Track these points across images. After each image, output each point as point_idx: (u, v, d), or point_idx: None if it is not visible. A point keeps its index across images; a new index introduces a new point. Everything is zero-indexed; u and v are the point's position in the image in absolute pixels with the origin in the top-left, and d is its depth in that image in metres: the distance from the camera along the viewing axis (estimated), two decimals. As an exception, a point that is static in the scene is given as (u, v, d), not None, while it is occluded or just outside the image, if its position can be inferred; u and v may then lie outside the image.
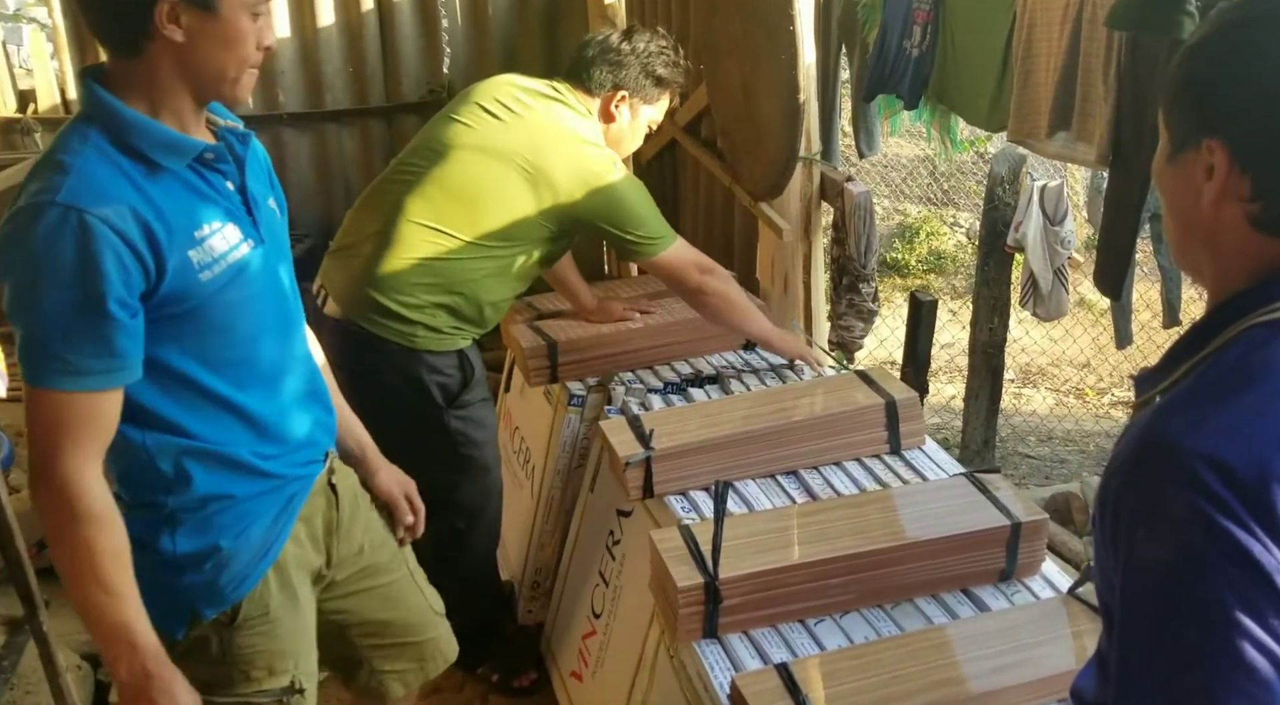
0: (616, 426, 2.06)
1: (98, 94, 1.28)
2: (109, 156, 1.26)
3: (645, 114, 2.35)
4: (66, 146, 1.26)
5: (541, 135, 2.19)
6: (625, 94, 2.29)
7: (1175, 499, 0.75)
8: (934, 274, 6.84)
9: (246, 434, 1.43)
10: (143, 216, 1.25)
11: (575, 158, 2.18)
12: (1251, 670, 0.73)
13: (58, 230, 1.20)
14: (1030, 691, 1.45)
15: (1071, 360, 5.65)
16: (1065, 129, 2.28)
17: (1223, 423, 0.77)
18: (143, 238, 1.24)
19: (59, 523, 1.27)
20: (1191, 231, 0.88)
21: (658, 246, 2.22)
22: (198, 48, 1.27)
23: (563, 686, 2.43)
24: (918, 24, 2.75)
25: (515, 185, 2.16)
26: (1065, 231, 4.16)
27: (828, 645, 1.59)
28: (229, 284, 1.35)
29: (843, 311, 2.60)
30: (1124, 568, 0.80)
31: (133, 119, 1.28)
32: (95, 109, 1.28)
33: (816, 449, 2.01)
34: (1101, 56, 2.13)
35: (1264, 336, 0.81)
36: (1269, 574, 0.73)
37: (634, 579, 2.08)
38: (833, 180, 2.56)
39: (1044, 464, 4.69)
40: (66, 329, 1.22)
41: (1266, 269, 0.83)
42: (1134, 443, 0.81)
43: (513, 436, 2.88)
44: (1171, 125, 0.88)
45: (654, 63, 2.29)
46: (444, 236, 2.17)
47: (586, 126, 2.25)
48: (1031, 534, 1.70)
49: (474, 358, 2.31)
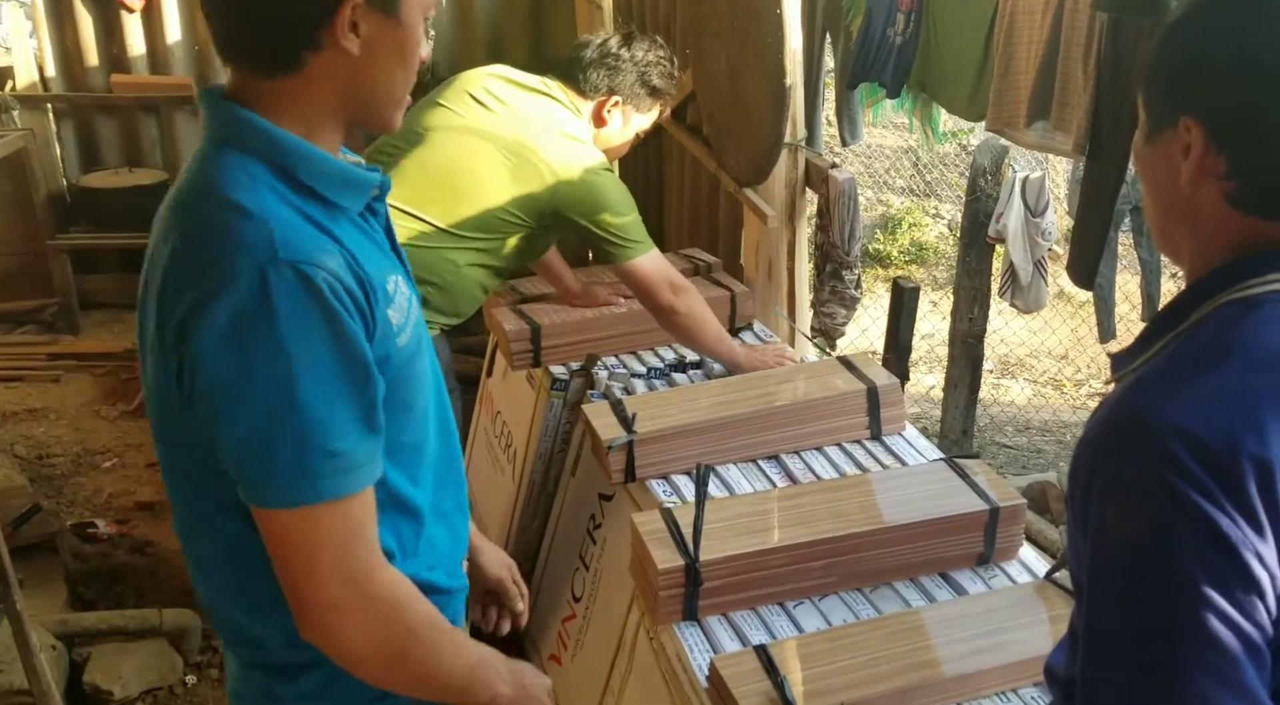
0: (599, 410, 2.06)
1: (253, 121, 1.03)
2: (284, 197, 1.02)
3: (636, 122, 2.35)
4: (234, 183, 1.01)
5: (529, 125, 2.19)
6: (619, 100, 2.29)
7: (1146, 473, 0.76)
8: (915, 265, 6.87)
9: (423, 537, 1.19)
10: (353, 267, 1.02)
11: (560, 148, 2.17)
12: (1216, 643, 0.73)
13: (298, 296, 0.96)
14: (1006, 674, 1.47)
15: (1050, 351, 5.69)
16: (1044, 118, 2.30)
17: (1195, 398, 0.78)
18: (361, 293, 1.02)
19: (396, 645, 1.06)
20: (1171, 212, 0.89)
21: (634, 251, 2.19)
22: (375, 61, 1.05)
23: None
24: (901, 11, 2.76)
25: (496, 170, 2.15)
26: (1046, 223, 4.18)
27: (806, 627, 1.60)
28: (417, 351, 1.13)
29: (826, 298, 2.61)
30: (1093, 540, 0.80)
31: (307, 152, 1.04)
32: (252, 138, 1.03)
33: (798, 433, 2.01)
34: (1082, 45, 2.14)
35: (1237, 313, 0.82)
36: (1236, 548, 0.74)
37: (614, 563, 2.08)
38: (818, 167, 2.56)
39: (1021, 454, 4.72)
40: (335, 417, 0.98)
41: (1242, 247, 0.84)
42: (1106, 417, 0.82)
43: (494, 420, 2.88)
44: (1149, 106, 0.89)
45: (651, 72, 2.28)
46: (418, 222, 2.16)
47: (576, 125, 2.25)
48: (1009, 519, 1.71)
49: (441, 346, 2.29)
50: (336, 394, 0.99)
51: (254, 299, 0.95)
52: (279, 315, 0.95)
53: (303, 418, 0.97)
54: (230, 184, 1.01)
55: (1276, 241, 0.83)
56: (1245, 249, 0.84)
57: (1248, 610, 0.74)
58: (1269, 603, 0.75)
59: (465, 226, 2.17)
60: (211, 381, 0.98)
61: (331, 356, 0.98)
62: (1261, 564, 0.74)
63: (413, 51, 1.08)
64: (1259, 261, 0.83)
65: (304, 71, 1.03)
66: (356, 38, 1.02)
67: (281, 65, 1.03)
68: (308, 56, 1.02)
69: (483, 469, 2.88)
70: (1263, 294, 0.81)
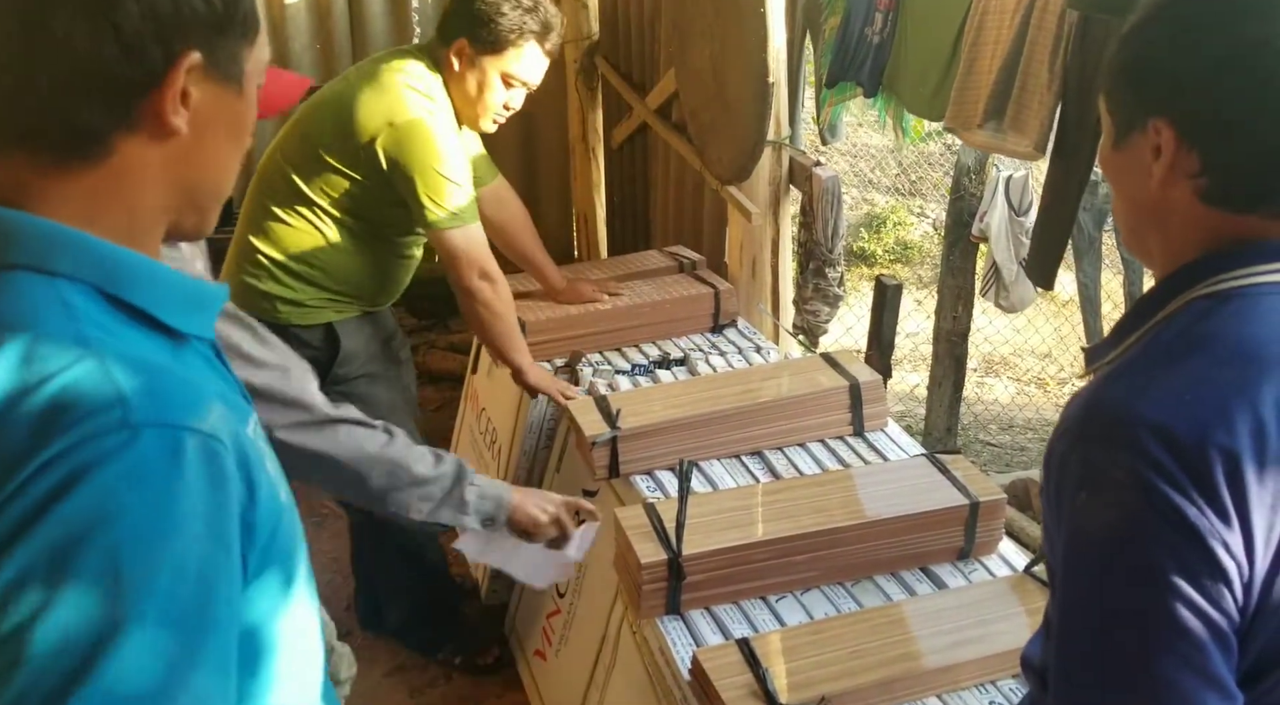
0: (584, 406, 2.06)
1: (58, 231, 0.72)
2: (118, 332, 0.72)
3: (491, 67, 2.12)
4: (45, 323, 0.69)
5: (364, 79, 2.11)
6: (464, 42, 2.10)
7: (1117, 463, 0.77)
8: (900, 263, 6.90)
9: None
10: (228, 419, 0.74)
11: (389, 93, 2.07)
12: (1185, 631, 0.75)
13: (167, 478, 0.66)
14: (986, 666, 1.48)
15: (1033, 350, 5.72)
16: (999, 118, 2.30)
17: (1166, 390, 0.79)
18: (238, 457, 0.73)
19: None
20: (1142, 214, 0.90)
21: (447, 222, 2.06)
22: (205, 145, 0.78)
23: (526, 665, 2.44)
24: (880, 10, 2.77)
25: (328, 129, 2.11)
26: (1030, 222, 4.21)
27: (789, 621, 1.61)
28: (290, 508, 0.84)
29: (809, 296, 2.62)
30: (1066, 529, 0.82)
31: (141, 266, 0.76)
32: (61, 255, 0.72)
33: (781, 430, 2.02)
34: (1049, 46, 2.15)
35: (1206, 307, 0.83)
36: (1204, 538, 0.75)
37: (598, 558, 2.08)
38: (801, 165, 2.57)
39: (1004, 451, 4.75)
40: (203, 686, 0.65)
41: (1211, 241, 0.85)
42: (1080, 408, 0.83)
43: (479, 417, 2.88)
44: (1114, 110, 0.90)
45: (495, 4, 2.07)
46: (274, 201, 2.16)
47: (424, 77, 2.11)
48: (989, 513, 1.73)
49: (353, 330, 2.25)
50: (182, 647, 0.64)
51: (91, 487, 0.63)
52: (128, 507, 0.63)
53: (118, 677, 0.61)
54: (37, 324, 0.69)
55: (1244, 235, 0.84)
56: (1214, 243, 0.85)
57: (1215, 598, 0.75)
58: (1236, 591, 0.76)
59: (311, 192, 2.13)
60: (3, 595, 0.61)
61: (194, 577, 0.65)
62: (1229, 553, 0.75)
63: (249, 130, 0.82)
64: (1227, 256, 0.84)
65: (110, 160, 0.73)
66: (186, 111, 0.75)
67: (79, 151, 0.73)
68: (118, 139, 0.73)
69: (467, 466, 2.89)
70: (1231, 289, 0.83)
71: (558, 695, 2.20)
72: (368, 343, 2.29)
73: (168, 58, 0.72)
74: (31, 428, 0.65)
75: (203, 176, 0.79)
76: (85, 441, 0.64)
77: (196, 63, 0.74)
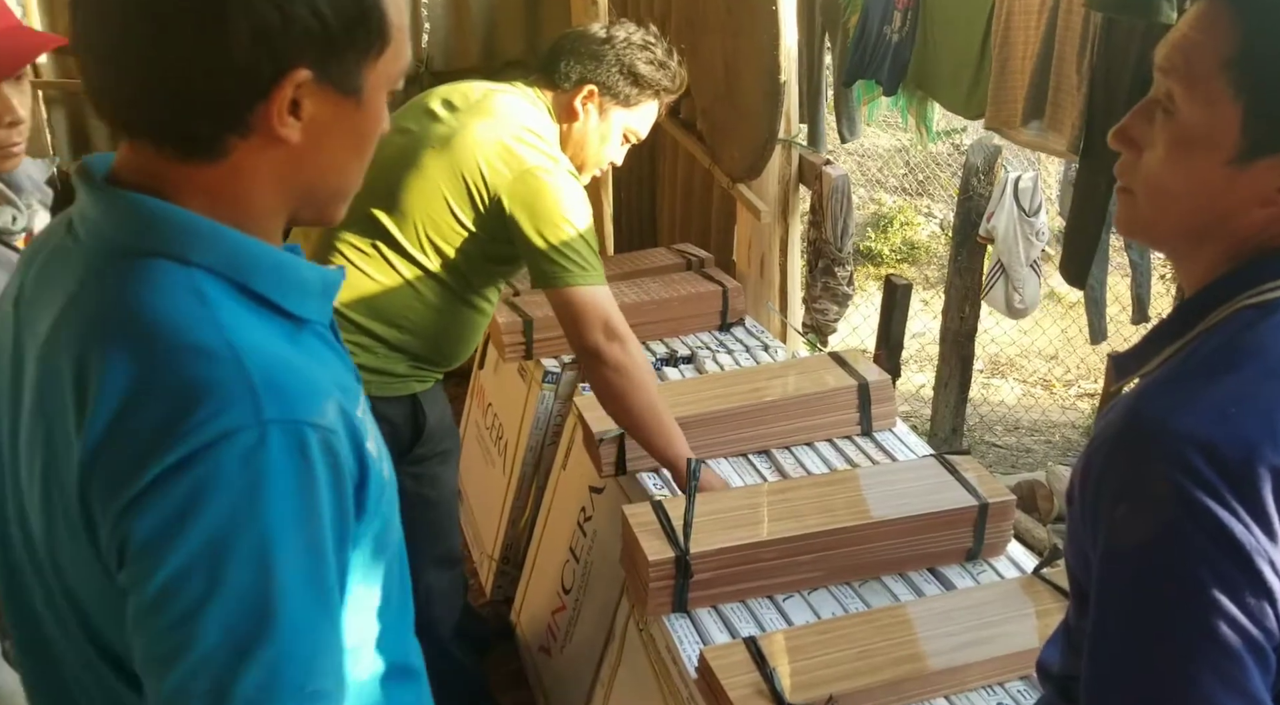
0: (590, 403, 2.06)
1: (190, 220, 0.78)
2: (248, 322, 0.78)
3: (619, 119, 1.98)
4: (179, 311, 0.75)
5: (477, 119, 1.88)
6: (594, 90, 1.94)
7: (1159, 478, 0.75)
8: (907, 263, 6.89)
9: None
10: (343, 408, 0.79)
11: (508, 138, 1.84)
12: (1225, 647, 0.73)
13: (290, 472, 0.73)
14: (994, 668, 1.47)
15: (1040, 352, 5.72)
16: (1039, 117, 2.31)
17: (1210, 404, 0.76)
18: (354, 448, 0.80)
19: None
20: (1207, 226, 0.83)
21: (574, 276, 1.81)
22: (321, 151, 0.82)
23: (531, 661, 2.43)
24: (899, 9, 2.77)
25: (435, 170, 1.85)
26: (1039, 223, 4.21)
27: (795, 620, 1.61)
28: (390, 479, 0.90)
29: (818, 294, 2.62)
30: (1104, 543, 0.79)
31: (264, 255, 0.81)
32: (194, 243, 0.78)
33: (789, 429, 2.02)
34: (1076, 45, 2.15)
35: (1253, 318, 0.80)
36: (1249, 554, 0.73)
37: (604, 555, 2.08)
38: (811, 163, 2.56)
39: (1010, 453, 4.75)
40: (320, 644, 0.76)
41: (1259, 250, 0.82)
42: (1119, 420, 0.80)
43: (486, 413, 2.88)
44: (1249, 125, 0.80)
45: (633, 58, 1.93)
46: (350, 247, 1.87)
47: (538, 120, 1.92)
48: (998, 514, 1.72)
49: (433, 400, 2.01)
50: (323, 614, 0.75)
51: (232, 481, 0.71)
52: (269, 498, 0.72)
53: (280, 645, 0.72)
54: (174, 312, 0.74)
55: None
56: (1260, 252, 0.82)
57: (1257, 616, 0.73)
58: (1279, 609, 0.74)
59: (410, 235, 1.86)
60: (166, 585, 0.71)
61: (327, 557, 0.75)
62: (1274, 571, 0.73)
63: (372, 138, 0.85)
64: (1275, 263, 0.81)
65: (228, 160, 0.79)
66: (298, 121, 0.79)
67: (198, 151, 0.78)
68: (233, 143, 0.78)
69: (474, 462, 2.89)
70: (1278, 299, 0.80)
71: (563, 692, 2.20)
72: (443, 414, 2.07)
73: (276, 74, 0.76)
74: (167, 416, 0.71)
75: (321, 180, 0.84)
76: (223, 439, 0.71)
77: (305, 78, 0.77)
